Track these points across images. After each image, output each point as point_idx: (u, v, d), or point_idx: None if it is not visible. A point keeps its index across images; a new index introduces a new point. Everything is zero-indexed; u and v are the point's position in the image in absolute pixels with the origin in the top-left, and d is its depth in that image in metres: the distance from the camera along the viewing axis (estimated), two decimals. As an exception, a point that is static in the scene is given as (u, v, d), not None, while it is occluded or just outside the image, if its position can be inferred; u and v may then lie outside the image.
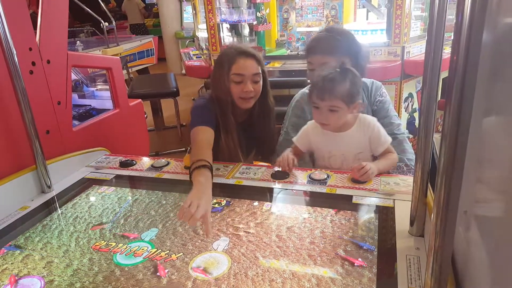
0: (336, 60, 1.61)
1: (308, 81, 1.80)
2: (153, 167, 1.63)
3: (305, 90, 1.86)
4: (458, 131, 0.62)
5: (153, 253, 1.09)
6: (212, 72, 1.74)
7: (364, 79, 1.66)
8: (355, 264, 0.99)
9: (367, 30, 3.07)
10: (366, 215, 1.22)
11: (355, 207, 1.26)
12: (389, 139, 1.51)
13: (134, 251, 1.10)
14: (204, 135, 1.55)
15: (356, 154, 1.52)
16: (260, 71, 1.66)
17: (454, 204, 0.66)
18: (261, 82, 1.68)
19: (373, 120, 1.52)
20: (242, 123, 1.75)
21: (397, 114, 1.78)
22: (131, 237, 1.18)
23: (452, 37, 0.61)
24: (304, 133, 1.60)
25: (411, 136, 3.09)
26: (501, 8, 0.67)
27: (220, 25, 3.31)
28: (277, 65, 3.11)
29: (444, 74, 0.90)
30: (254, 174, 1.52)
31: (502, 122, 0.67)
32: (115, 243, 1.15)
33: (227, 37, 3.51)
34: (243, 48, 1.68)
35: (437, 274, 0.73)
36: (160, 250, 1.10)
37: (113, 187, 1.51)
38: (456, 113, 0.61)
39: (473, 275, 0.78)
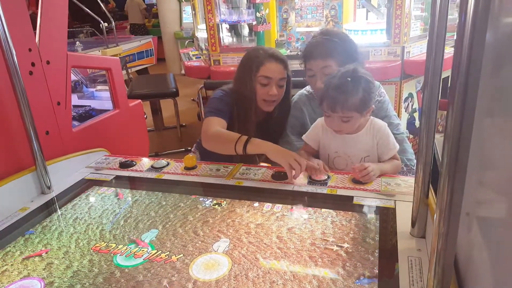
0: (335, 61, 1.60)
1: (309, 86, 1.80)
2: (153, 168, 1.63)
3: (303, 91, 1.86)
4: (461, 133, 0.61)
5: (153, 255, 1.08)
6: (237, 70, 1.77)
7: None
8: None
9: (366, 30, 3.06)
10: (367, 216, 1.22)
11: (356, 208, 1.25)
12: (397, 146, 1.49)
13: (134, 253, 1.10)
14: (220, 125, 1.61)
15: (363, 157, 1.51)
16: (286, 76, 1.70)
17: (457, 206, 0.66)
18: (284, 87, 1.72)
19: (383, 125, 1.50)
20: (259, 121, 1.78)
21: (396, 114, 1.78)
22: (140, 244, 1.15)
23: (454, 37, 0.61)
24: (315, 129, 1.59)
25: (411, 136, 3.09)
26: (503, 8, 0.67)
27: (220, 25, 3.30)
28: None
29: (444, 74, 0.90)
30: (254, 175, 1.52)
31: (504, 123, 0.67)
32: (115, 244, 1.15)
33: (226, 38, 3.50)
34: (273, 52, 1.72)
35: (440, 277, 0.73)
36: (160, 251, 1.10)
37: (113, 188, 1.51)
38: (459, 114, 0.61)
39: (476, 277, 0.77)
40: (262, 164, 1.75)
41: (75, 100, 2.54)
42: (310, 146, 1.59)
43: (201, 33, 3.95)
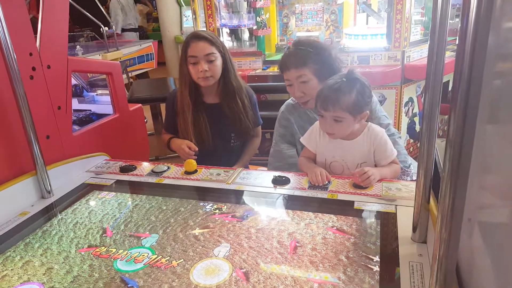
0: (309, 70, 1.64)
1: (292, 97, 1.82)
2: (153, 172, 1.63)
3: (290, 100, 1.90)
4: (463, 138, 0.61)
5: (153, 260, 1.08)
6: None
7: None
8: None
9: (367, 34, 3.06)
10: (368, 221, 1.21)
11: (357, 213, 1.25)
12: (395, 152, 1.49)
13: (134, 258, 1.10)
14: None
15: (359, 163, 1.51)
16: (216, 52, 1.80)
17: (458, 212, 0.65)
18: (217, 62, 1.81)
19: (381, 131, 1.50)
20: (215, 105, 1.90)
21: (386, 114, 1.77)
22: (142, 237, 1.18)
23: (456, 41, 0.61)
24: (313, 132, 1.59)
25: (411, 140, 3.09)
26: (505, 12, 0.67)
27: (220, 29, 3.31)
28: (276, 69, 3.11)
29: (444, 78, 0.90)
30: (254, 179, 1.52)
31: (506, 128, 0.67)
32: (115, 249, 1.14)
33: (227, 42, 3.51)
34: (196, 32, 1.86)
35: (442, 283, 0.72)
36: (160, 256, 1.09)
37: (113, 193, 1.51)
38: (461, 119, 0.60)
39: (478, 284, 0.77)
40: (261, 168, 1.75)
41: (75, 104, 2.55)
42: (309, 150, 1.59)
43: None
